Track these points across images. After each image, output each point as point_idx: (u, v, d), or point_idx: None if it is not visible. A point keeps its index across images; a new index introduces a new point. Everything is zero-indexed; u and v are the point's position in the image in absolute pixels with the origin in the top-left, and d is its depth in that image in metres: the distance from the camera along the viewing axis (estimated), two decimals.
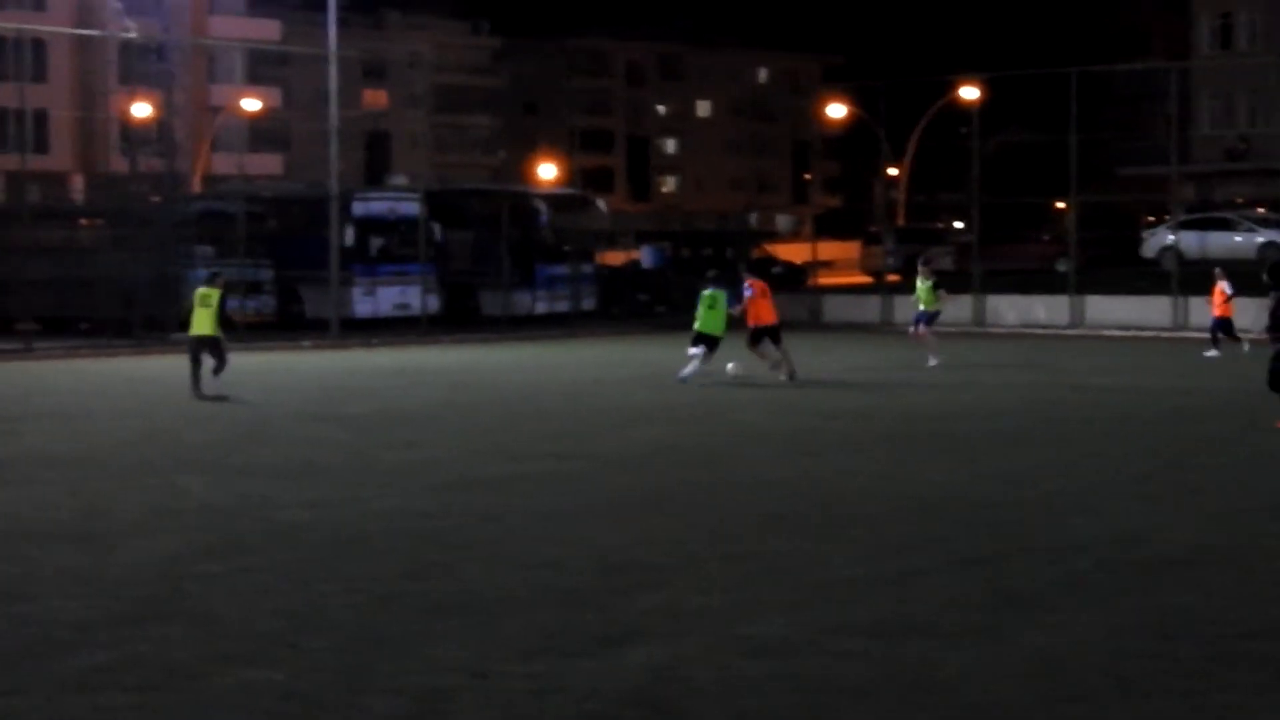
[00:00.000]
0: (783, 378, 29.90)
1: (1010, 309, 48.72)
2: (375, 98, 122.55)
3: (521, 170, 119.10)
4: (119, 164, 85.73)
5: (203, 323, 28.20)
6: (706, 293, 30.71)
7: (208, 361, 27.93)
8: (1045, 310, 48.04)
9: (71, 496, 16.66)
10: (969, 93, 67.00)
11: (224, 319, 28.43)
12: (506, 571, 12.67)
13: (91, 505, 16.08)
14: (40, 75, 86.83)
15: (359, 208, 48.38)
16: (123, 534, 14.44)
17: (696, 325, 30.50)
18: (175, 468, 18.83)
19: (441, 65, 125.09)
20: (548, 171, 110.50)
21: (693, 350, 30.19)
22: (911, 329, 35.46)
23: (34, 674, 9.79)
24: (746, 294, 30.54)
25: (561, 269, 51.14)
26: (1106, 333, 45.12)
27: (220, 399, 27.19)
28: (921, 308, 34.86)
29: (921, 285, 35.14)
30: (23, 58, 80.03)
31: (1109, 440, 21.28)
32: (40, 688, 9.50)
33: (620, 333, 47.86)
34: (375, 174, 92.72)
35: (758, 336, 30.53)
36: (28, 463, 19.40)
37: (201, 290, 28.75)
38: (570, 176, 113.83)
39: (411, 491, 16.88)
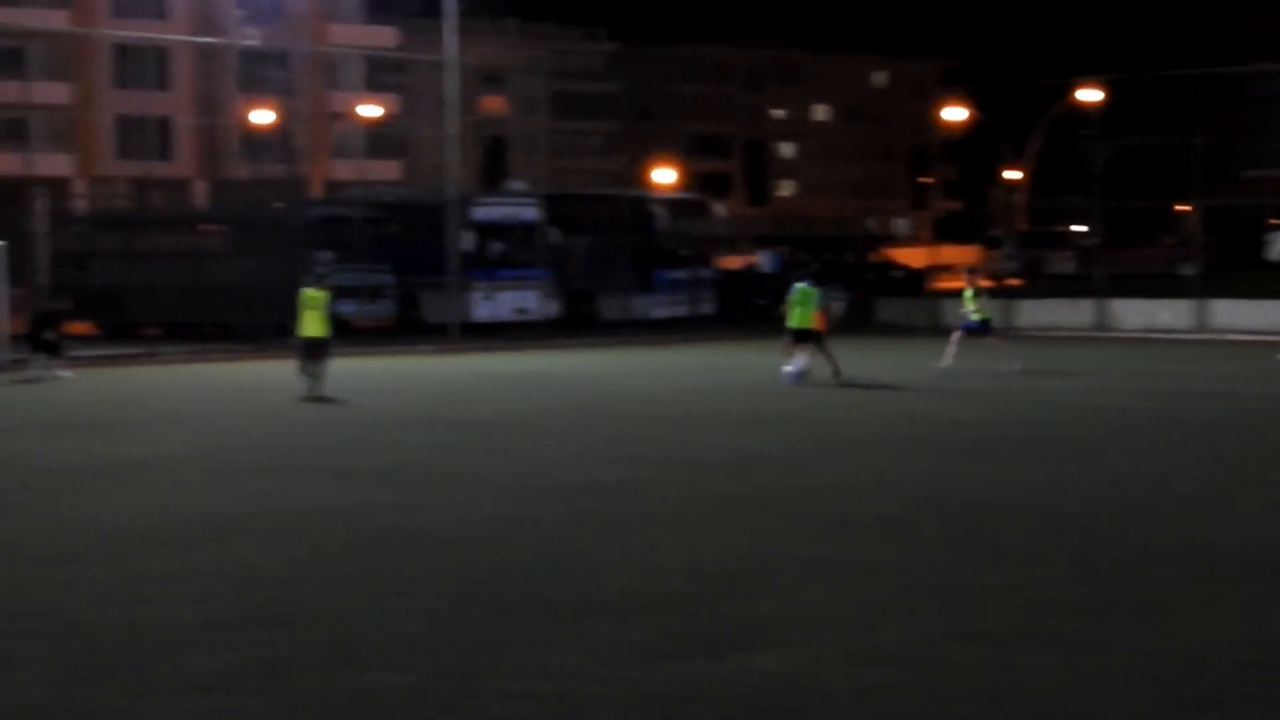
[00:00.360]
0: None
1: (1133, 313, 48.12)
2: (493, 103, 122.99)
3: (638, 175, 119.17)
4: (240, 170, 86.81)
5: (313, 325, 28.59)
6: (799, 287, 31.08)
7: (315, 367, 28.27)
8: (1169, 314, 47.41)
9: (192, 500, 16.81)
10: (1090, 95, 66.35)
11: (333, 321, 28.89)
12: (626, 576, 12.64)
13: (212, 509, 16.21)
14: (163, 83, 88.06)
15: (478, 213, 48.57)
16: (242, 537, 14.54)
17: (791, 323, 30.89)
18: (294, 472, 18.95)
19: (559, 71, 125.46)
20: (664, 176, 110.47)
21: (791, 349, 30.65)
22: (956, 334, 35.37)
23: (161, 675, 9.86)
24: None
25: (679, 274, 51.15)
26: (1232, 337, 44.48)
27: (323, 400, 27.44)
28: (972, 317, 34.90)
29: (966, 295, 35.26)
30: (146, 66, 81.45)
31: (1234, 445, 20.98)
32: (168, 689, 9.57)
33: (738, 337, 47.68)
34: (493, 179, 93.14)
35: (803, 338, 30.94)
36: (150, 467, 19.60)
37: (309, 292, 28.97)
38: (687, 181, 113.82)
39: (529, 495, 16.89)
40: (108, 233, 52.99)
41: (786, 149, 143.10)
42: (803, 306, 30.62)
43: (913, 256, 70.46)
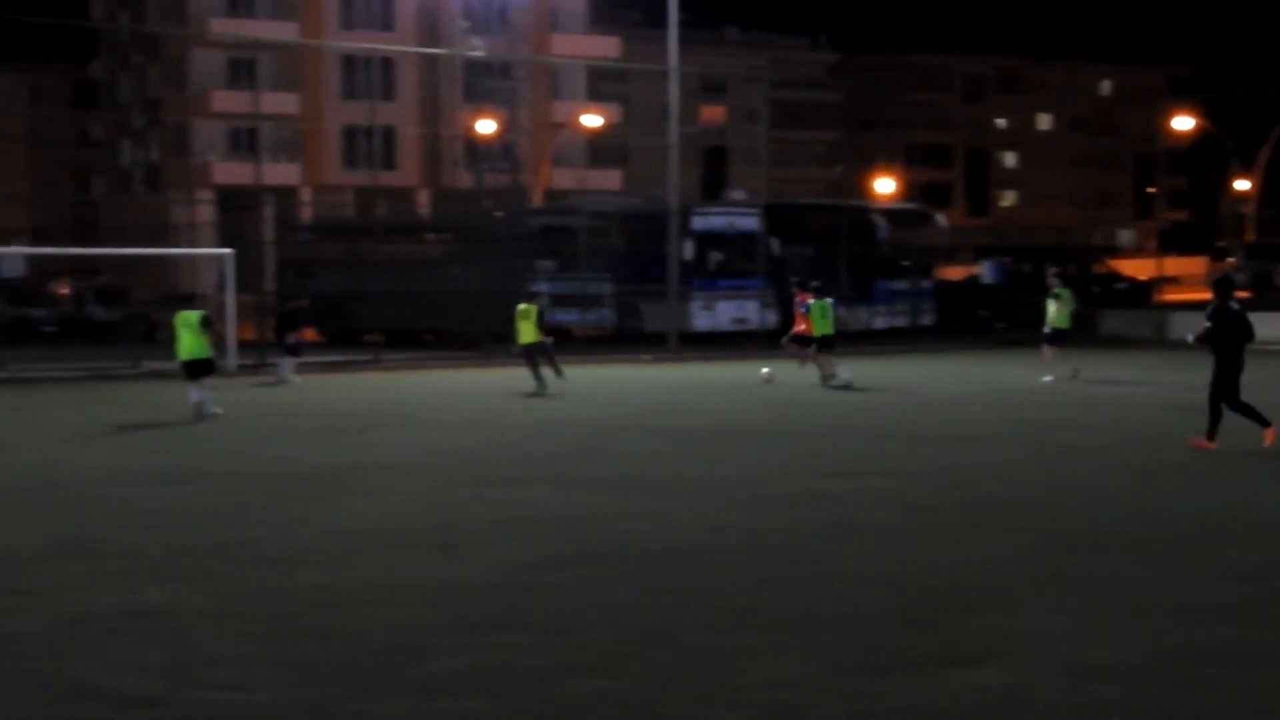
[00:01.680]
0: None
1: None
2: (713, 113, 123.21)
3: (858, 185, 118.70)
4: (462, 179, 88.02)
5: (527, 333, 32.26)
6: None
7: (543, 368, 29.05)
8: None
9: (422, 506, 17.16)
10: None
11: (542, 328, 32.08)
12: (845, 588, 12.70)
13: (441, 515, 16.53)
14: (389, 93, 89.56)
15: (698, 222, 48.79)
16: (472, 543, 14.83)
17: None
18: (519, 478, 19.25)
19: (779, 80, 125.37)
20: (885, 186, 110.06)
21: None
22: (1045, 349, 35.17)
23: (396, 679, 10.13)
24: (801, 310, 34.75)
25: (900, 284, 51.03)
26: None
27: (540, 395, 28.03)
28: (1051, 325, 34.78)
29: (1051, 302, 35.10)
30: (372, 76, 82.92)
31: None
32: (402, 693, 9.84)
33: (959, 348, 47.46)
34: (712, 189, 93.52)
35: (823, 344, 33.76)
36: (378, 472, 20.02)
37: (521, 306, 32.75)
38: (907, 191, 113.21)
39: (748, 505, 17.01)
40: (333, 241, 54.06)
41: (1008, 158, 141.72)
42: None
43: (1137, 268, 69.50)
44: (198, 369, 27.97)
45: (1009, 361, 40.84)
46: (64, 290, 59.92)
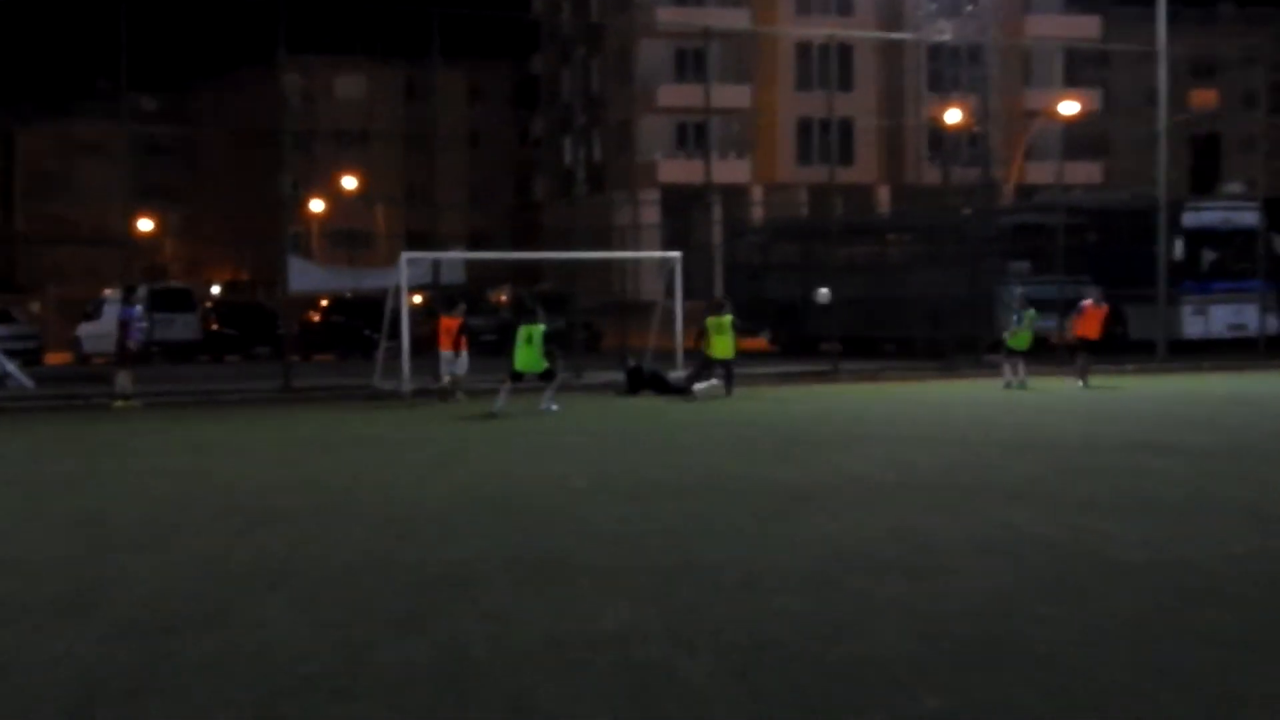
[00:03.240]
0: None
1: None
2: (1205, 98, 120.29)
3: None
4: (926, 174, 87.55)
5: (722, 347, 34.92)
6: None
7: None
8: None
9: (892, 526, 16.91)
10: None
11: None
12: None
13: (914, 536, 16.26)
14: (846, 83, 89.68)
15: (1189, 218, 47.62)
16: (949, 567, 14.50)
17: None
18: (998, 498, 18.85)
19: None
20: None
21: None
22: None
23: (868, 713, 9.90)
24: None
25: None
26: None
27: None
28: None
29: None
30: (829, 65, 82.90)
31: None
32: None
33: None
34: (1203, 181, 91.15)
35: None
36: (842, 489, 19.85)
37: (713, 319, 35.53)
38: None
39: (1266, 531, 16.31)
40: (784, 243, 54.32)
41: None
42: None
43: None
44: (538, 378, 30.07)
45: None
46: (504, 297, 61.60)
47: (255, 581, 14.07)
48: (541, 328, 31.63)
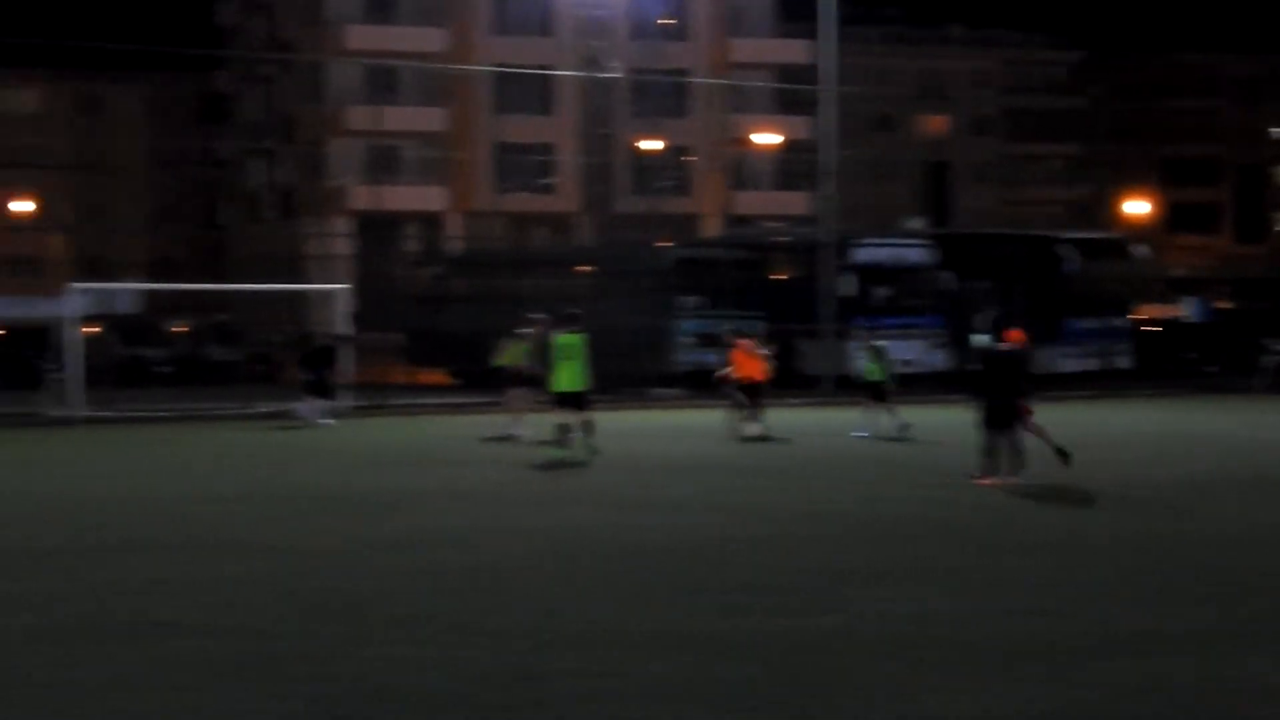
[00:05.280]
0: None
1: None
2: (935, 123, 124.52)
3: (1106, 205, 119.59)
4: (629, 204, 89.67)
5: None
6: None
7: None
8: None
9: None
10: None
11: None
12: None
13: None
14: (545, 107, 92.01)
15: (860, 254, 51.48)
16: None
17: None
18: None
19: (1013, 85, 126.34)
20: (1136, 208, 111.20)
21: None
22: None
23: None
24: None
25: (1091, 323, 53.46)
26: None
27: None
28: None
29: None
30: (529, 88, 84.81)
31: None
32: None
33: (1161, 395, 49.49)
34: (935, 208, 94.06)
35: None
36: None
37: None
38: (1164, 213, 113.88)
39: None
40: (469, 274, 57.00)
41: None
42: None
43: None
44: (572, 401, 30.81)
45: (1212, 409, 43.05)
46: (180, 329, 64.30)
47: None
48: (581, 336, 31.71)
